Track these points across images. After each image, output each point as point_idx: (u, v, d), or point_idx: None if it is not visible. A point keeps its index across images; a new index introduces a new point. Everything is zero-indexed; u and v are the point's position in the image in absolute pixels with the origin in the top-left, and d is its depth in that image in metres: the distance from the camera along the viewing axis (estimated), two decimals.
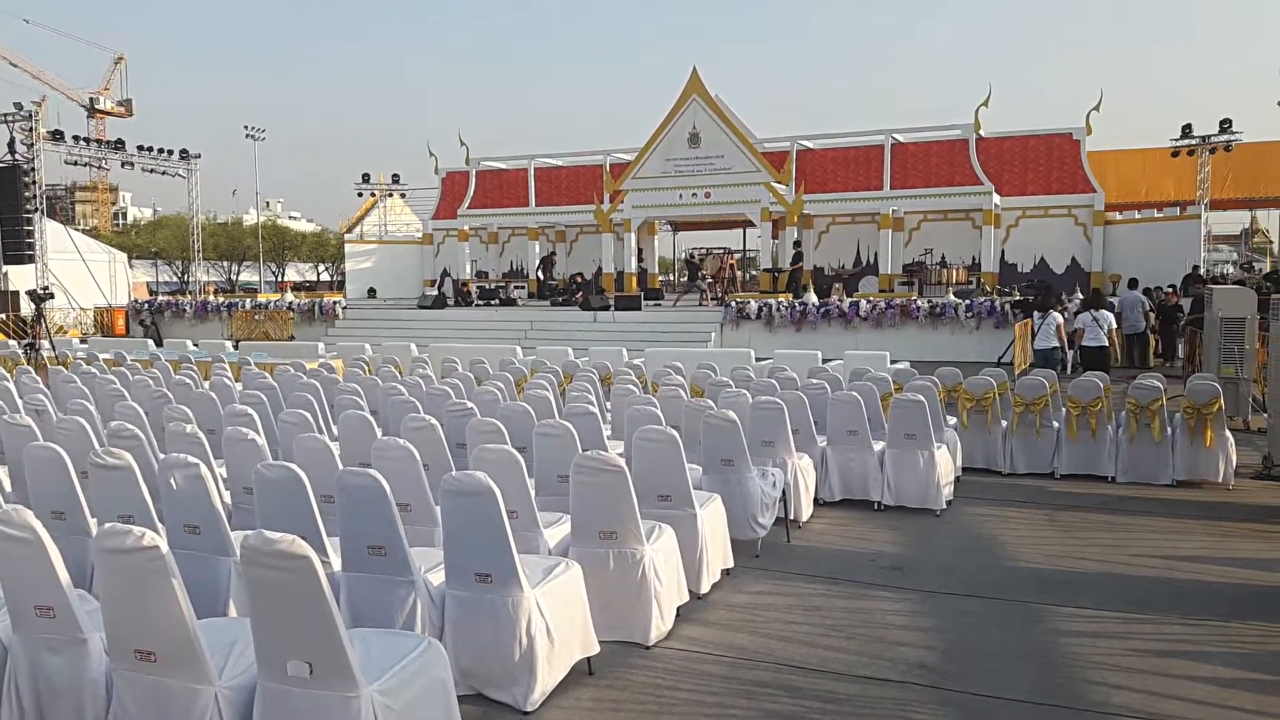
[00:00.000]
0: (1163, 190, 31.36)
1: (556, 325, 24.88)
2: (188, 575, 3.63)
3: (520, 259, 33.07)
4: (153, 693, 3.53)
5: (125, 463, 5.14)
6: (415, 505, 5.57)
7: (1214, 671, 4.76)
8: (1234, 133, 25.69)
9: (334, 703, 3.35)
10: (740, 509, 6.69)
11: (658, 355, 14.47)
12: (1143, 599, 5.85)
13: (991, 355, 18.92)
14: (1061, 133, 26.40)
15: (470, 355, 14.17)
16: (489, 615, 4.36)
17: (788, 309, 22.63)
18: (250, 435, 6.33)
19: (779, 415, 7.52)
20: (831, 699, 4.49)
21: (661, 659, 4.97)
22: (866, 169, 27.99)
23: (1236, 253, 45.80)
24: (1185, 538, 7.27)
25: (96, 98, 68.11)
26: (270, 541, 3.29)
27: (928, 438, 7.99)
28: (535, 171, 31.90)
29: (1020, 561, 6.74)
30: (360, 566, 4.60)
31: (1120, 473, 9.14)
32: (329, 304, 28.81)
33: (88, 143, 32.82)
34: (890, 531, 7.49)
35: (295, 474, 4.80)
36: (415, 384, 10.24)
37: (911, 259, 26.71)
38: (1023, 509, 8.22)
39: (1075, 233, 25.90)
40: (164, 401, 8.99)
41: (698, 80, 26.55)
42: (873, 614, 5.67)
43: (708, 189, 26.44)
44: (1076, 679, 4.70)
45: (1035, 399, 9.45)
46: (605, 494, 5.11)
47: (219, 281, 54.34)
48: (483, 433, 6.60)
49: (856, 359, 13.19)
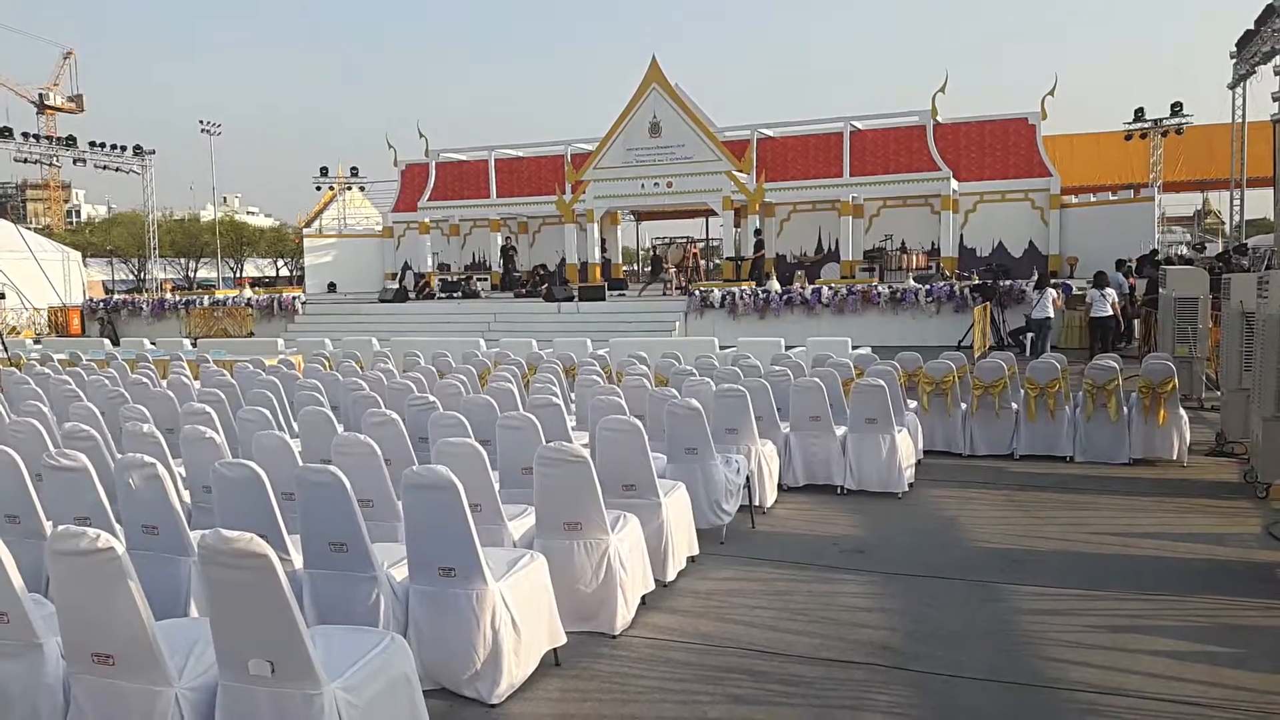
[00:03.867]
0: (1117, 173, 31.89)
1: (520, 317, 24.80)
2: (147, 576, 3.59)
3: (482, 251, 32.92)
4: (111, 696, 3.49)
5: (80, 464, 5.06)
6: (377, 501, 5.53)
7: (1169, 645, 4.86)
8: (1185, 116, 26.13)
9: (296, 700, 3.33)
10: (705, 496, 6.72)
11: (622, 345, 14.46)
12: (1100, 576, 5.95)
13: (951, 339, 19.11)
14: (1017, 118, 26.72)
15: (433, 349, 14.08)
16: (453, 609, 4.35)
17: (751, 297, 22.71)
18: (209, 434, 6.25)
19: (742, 402, 7.55)
20: (796, 682, 4.53)
21: (628, 648, 4.99)
22: (826, 156, 28.15)
23: (1189, 234, 46.56)
24: (1142, 515, 7.40)
25: (46, 93, 66.86)
26: (228, 540, 3.26)
27: (889, 422, 8.07)
28: (496, 162, 31.73)
29: (981, 542, 6.83)
30: (322, 564, 4.57)
31: (1078, 452, 9.28)
32: (288, 299, 28.48)
33: (37, 139, 32.25)
34: (853, 515, 7.56)
35: (254, 472, 4.75)
36: (376, 379, 10.16)
37: (872, 245, 26.92)
38: (983, 490, 8.33)
39: (1032, 217, 26.22)
40: (120, 401, 8.86)
41: (657, 69, 26.52)
42: (836, 597, 5.72)
43: (669, 178, 26.45)
44: (1036, 656, 4.78)
45: (994, 381, 9.56)
46: (569, 485, 5.11)
47: (176, 279, 53.50)
48: (445, 426, 6.57)
49: (819, 345, 13.26)
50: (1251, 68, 23.64)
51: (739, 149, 26.85)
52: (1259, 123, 25.65)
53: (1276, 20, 20.44)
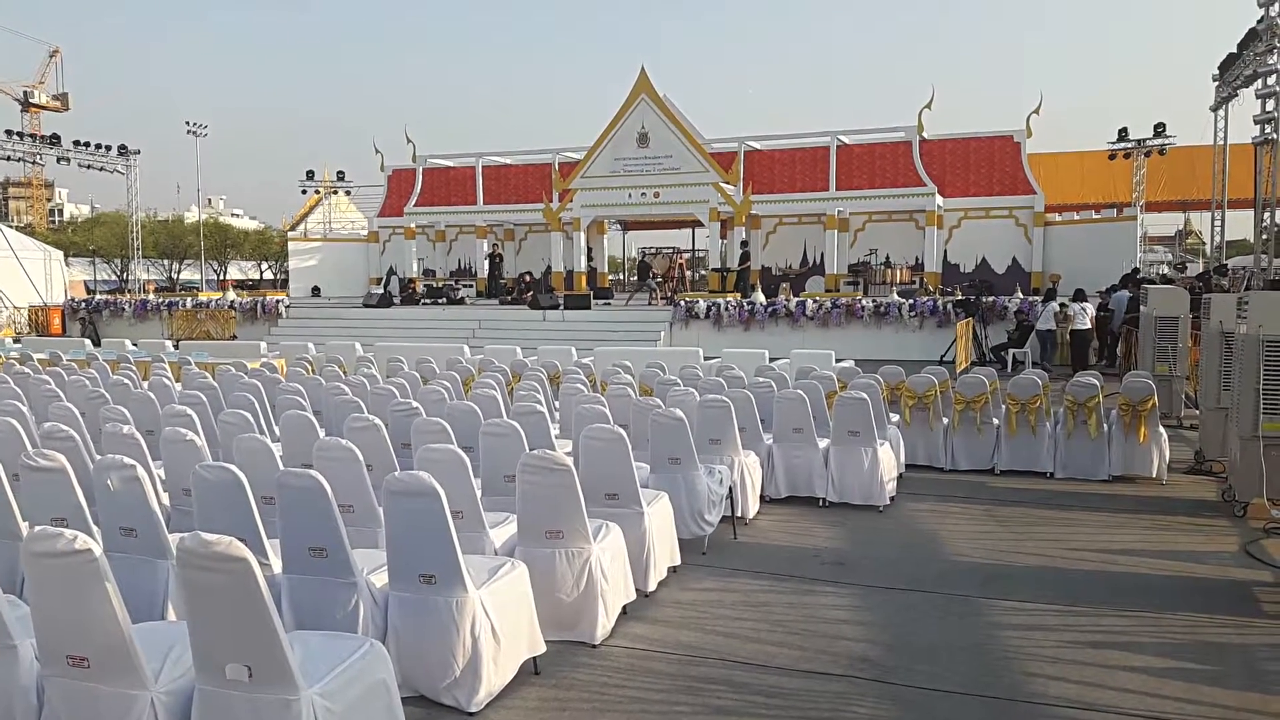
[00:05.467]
0: (1100, 192, 32.14)
1: (505, 324, 24.76)
2: (124, 579, 3.56)
3: (468, 257, 32.85)
4: (86, 699, 3.45)
5: (58, 464, 5.02)
6: (358, 506, 5.51)
7: (1146, 662, 4.89)
8: (1168, 136, 26.35)
9: (274, 706, 3.30)
10: (687, 507, 6.72)
11: (607, 354, 14.45)
12: (1079, 592, 5.98)
13: (934, 354, 19.20)
14: (1002, 135, 26.89)
15: (416, 355, 14.04)
16: (433, 616, 4.33)
17: (736, 308, 22.77)
18: (189, 436, 6.21)
19: (726, 413, 7.56)
20: (776, 694, 4.53)
21: (608, 657, 4.98)
22: (813, 170, 28.26)
23: (1170, 253, 46.95)
24: (1120, 531, 7.44)
25: (31, 91, 66.41)
26: (207, 543, 3.24)
27: (871, 435, 8.09)
28: (483, 169, 31.70)
29: (961, 556, 6.86)
30: (301, 568, 4.54)
31: (1058, 468, 9.33)
32: (272, 303, 28.36)
33: (21, 137, 31.98)
34: (834, 528, 7.58)
35: (235, 475, 4.72)
36: (359, 383, 10.13)
37: (857, 259, 27.01)
38: (963, 504, 8.36)
39: (1016, 233, 26.38)
40: (101, 402, 8.79)
41: (646, 80, 26.58)
42: (817, 609, 5.73)
43: (656, 189, 26.49)
44: (1014, 671, 4.80)
45: (976, 396, 9.61)
46: (552, 493, 5.11)
47: (159, 280, 53.20)
48: (428, 432, 6.55)
49: (802, 358, 13.30)
50: (1234, 90, 23.88)
51: (726, 161, 26.93)
52: (1240, 145, 25.91)
53: (1258, 44, 20.67)
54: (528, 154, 32.25)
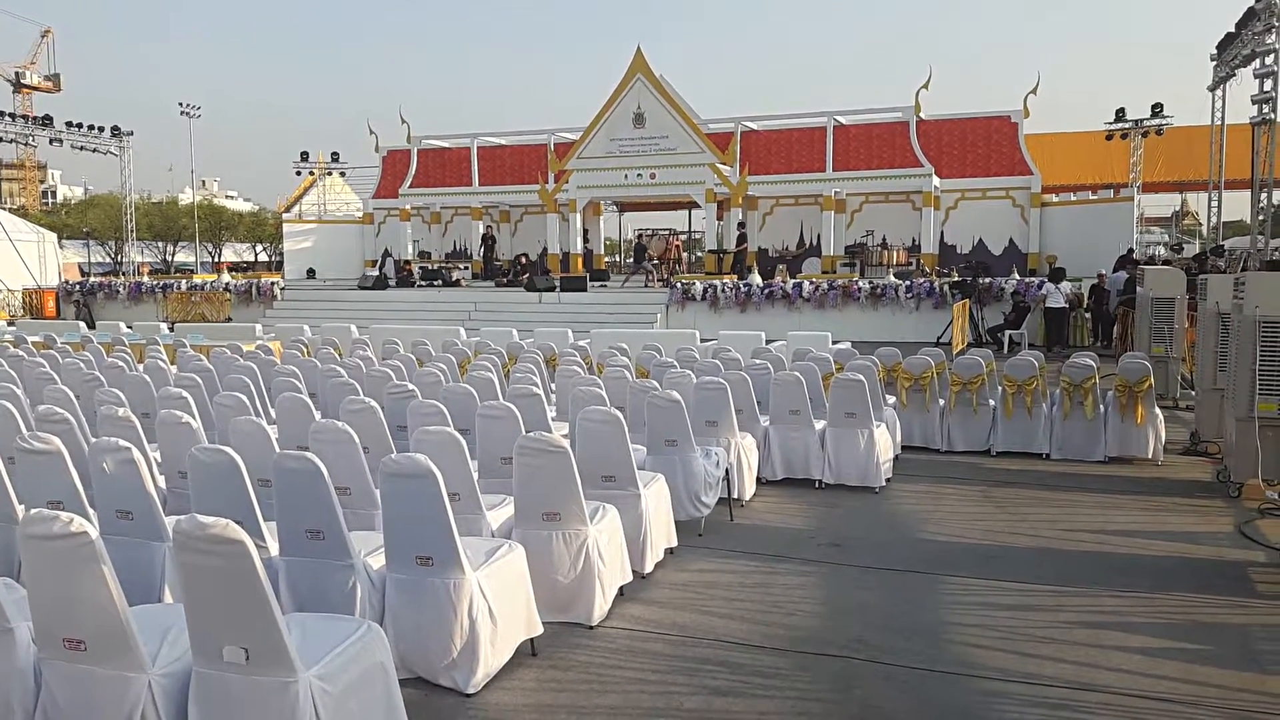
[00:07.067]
0: (1097, 173, 32.08)
1: (501, 306, 24.72)
2: (120, 561, 3.56)
3: (464, 239, 32.77)
4: (83, 682, 3.45)
5: (54, 447, 5.01)
6: (355, 488, 5.51)
7: (1142, 642, 4.91)
8: (1165, 117, 26.30)
9: (271, 688, 3.31)
10: (684, 488, 6.72)
11: (603, 336, 14.45)
12: (1074, 572, 6.00)
13: (930, 335, 19.21)
14: (999, 116, 26.81)
15: (412, 337, 14.02)
16: (430, 598, 4.33)
17: (732, 290, 22.74)
18: (185, 418, 6.20)
19: (722, 395, 7.56)
20: (773, 674, 4.55)
21: (605, 638, 4.99)
22: (809, 151, 28.18)
23: (1167, 234, 46.97)
24: (1116, 512, 7.46)
25: (23, 72, 65.93)
26: (203, 526, 3.23)
27: (867, 417, 8.10)
28: (478, 150, 31.57)
29: (957, 537, 6.87)
30: (298, 551, 4.54)
31: (1054, 450, 9.35)
32: (267, 285, 28.29)
33: (13, 118, 31.82)
34: (830, 509, 7.59)
35: (230, 458, 4.72)
36: (355, 366, 10.11)
37: (853, 240, 26.99)
38: (959, 486, 8.38)
39: (1013, 214, 26.35)
40: (96, 385, 8.77)
41: (642, 60, 26.44)
42: (813, 590, 5.74)
43: (653, 170, 26.41)
44: (1010, 651, 4.81)
45: (972, 378, 9.61)
46: (548, 475, 5.10)
47: (154, 262, 52.98)
48: (424, 414, 6.54)
49: (799, 339, 13.30)
50: (1231, 70, 23.81)
51: (722, 141, 26.83)
52: (1238, 125, 25.85)
53: (1256, 23, 20.60)
54: (523, 135, 32.12)
